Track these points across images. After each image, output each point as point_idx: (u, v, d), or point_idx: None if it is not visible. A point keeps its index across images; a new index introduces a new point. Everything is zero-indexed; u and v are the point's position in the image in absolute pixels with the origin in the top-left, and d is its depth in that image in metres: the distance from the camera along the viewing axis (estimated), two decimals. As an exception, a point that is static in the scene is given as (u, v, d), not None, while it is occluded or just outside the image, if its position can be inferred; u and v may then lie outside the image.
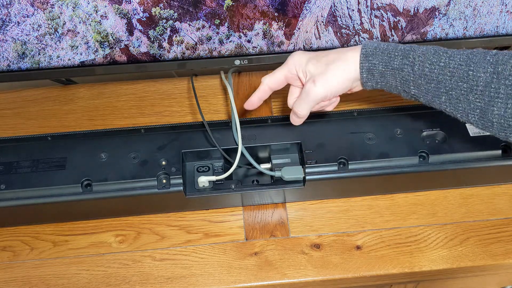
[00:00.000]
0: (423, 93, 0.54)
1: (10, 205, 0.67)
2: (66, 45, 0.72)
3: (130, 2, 0.67)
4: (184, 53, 0.75)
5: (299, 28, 0.74)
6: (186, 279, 0.68)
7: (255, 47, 0.76)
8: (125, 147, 0.71)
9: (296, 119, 0.63)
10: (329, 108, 0.64)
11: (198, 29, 0.71)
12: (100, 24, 0.70)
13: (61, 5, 0.67)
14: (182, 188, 0.68)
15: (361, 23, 0.73)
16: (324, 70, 0.58)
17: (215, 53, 0.76)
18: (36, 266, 0.69)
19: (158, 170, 0.68)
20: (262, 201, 0.73)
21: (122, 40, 0.72)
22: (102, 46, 0.73)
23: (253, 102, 0.65)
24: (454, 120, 0.54)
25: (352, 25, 0.73)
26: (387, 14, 0.71)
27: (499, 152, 0.69)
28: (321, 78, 0.58)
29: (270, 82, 0.62)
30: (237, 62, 0.77)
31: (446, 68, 0.52)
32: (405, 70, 0.54)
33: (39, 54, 0.73)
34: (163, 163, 0.69)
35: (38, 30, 0.69)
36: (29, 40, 0.70)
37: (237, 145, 0.68)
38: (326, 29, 0.74)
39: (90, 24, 0.70)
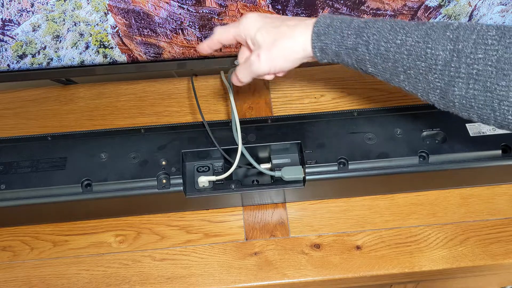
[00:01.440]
0: (380, 72, 0.51)
1: (10, 205, 0.67)
2: (66, 45, 0.72)
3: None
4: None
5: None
6: (186, 279, 0.68)
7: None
8: (125, 147, 0.71)
9: (237, 82, 0.60)
10: (280, 75, 0.60)
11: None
12: (100, 24, 0.70)
13: (61, 5, 0.67)
14: (182, 188, 0.68)
15: None
16: (271, 46, 0.54)
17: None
18: (36, 266, 0.69)
19: (158, 170, 0.68)
20: (262, 201, 0.73)
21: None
22: (102, 45, 0.73)
23: (203, 48, 0.61)
24: (454, 120, 0.54)
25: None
26: None
27: (499, 152, 0.69)
28: (266, 54, 0.54)
29: (221, 37, 0.59)
30: (237, 62, 0.77)
31: (403, 46, 0.48)
32: (359, 49, 0.51)
33: (39, 54, 0.72)
34: (163, 163, 0.69)
35: (37, 30, 0.69)
36: (29, 40, 0.70)
37: (237, 145, 0.68)
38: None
39: (90, 24, 0.70)
